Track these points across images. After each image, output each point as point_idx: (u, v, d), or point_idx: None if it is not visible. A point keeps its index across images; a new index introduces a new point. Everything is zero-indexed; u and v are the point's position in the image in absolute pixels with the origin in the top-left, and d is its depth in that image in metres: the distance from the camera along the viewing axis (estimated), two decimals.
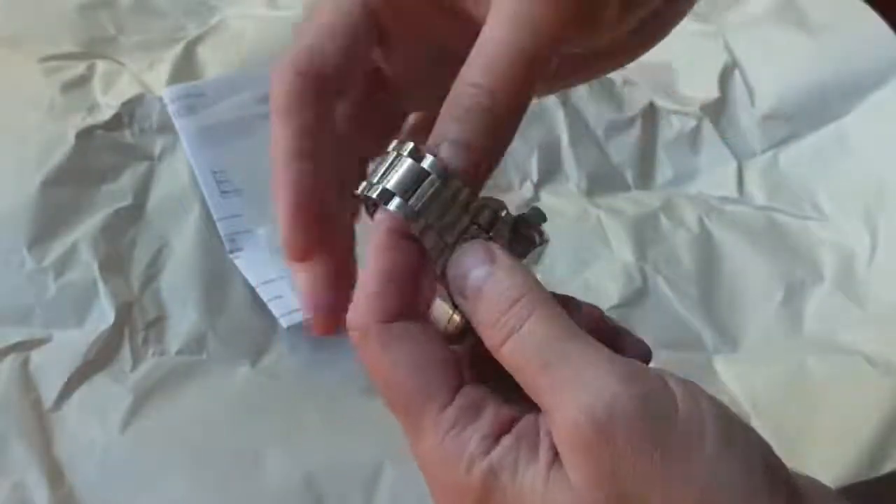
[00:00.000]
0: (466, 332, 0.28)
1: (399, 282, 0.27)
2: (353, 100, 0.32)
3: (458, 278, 0.27)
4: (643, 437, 0.23)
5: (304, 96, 0.31)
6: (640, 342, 0.31)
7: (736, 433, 0.24)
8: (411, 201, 0.27)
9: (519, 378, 0.26)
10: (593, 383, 0.24)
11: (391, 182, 0.27)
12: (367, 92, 0.33)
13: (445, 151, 0.27)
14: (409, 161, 0.27)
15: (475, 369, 0.28)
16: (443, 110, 0.28)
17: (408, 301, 0.27)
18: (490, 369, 0.27)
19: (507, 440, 0.25)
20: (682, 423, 0.24)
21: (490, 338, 0.26)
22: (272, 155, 0.31)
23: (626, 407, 0.24)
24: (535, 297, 0.26)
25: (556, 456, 0.25)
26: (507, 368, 0.26)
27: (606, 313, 0.31)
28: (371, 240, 0.28)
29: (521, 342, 0.25)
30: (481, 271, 0.27)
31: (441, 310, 0.29)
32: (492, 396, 0.26)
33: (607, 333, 0.29)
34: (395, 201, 0.27)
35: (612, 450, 0.23)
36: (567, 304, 0.28)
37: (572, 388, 0.24)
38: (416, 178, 0.27)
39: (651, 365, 0.27)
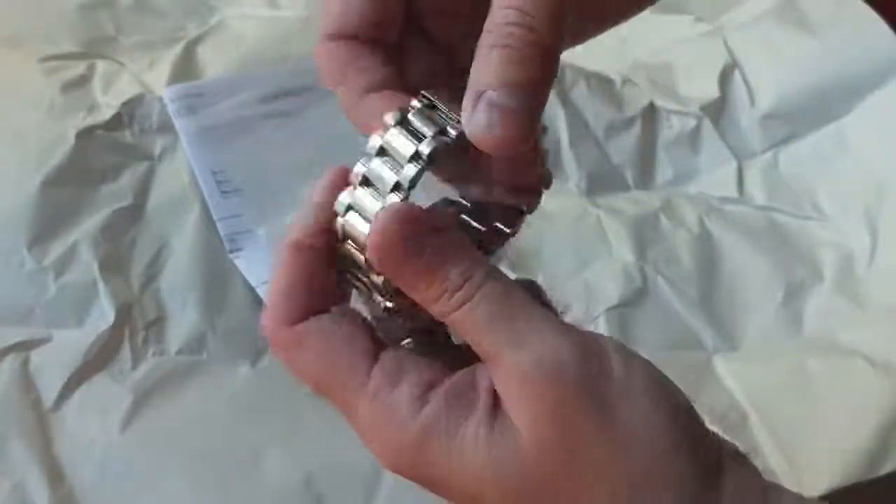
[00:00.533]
0: (392, 311, 0.29)
1: (298, 288, 0.28)
2: (391, 52, 0.31)
3: (391, 246, 0.27)
4: (585, 385, 0.25)
5: (342, 59, 0.30)
6: None
7: (663, 394, 0.26)
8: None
9: (467, 336, 0.27)
10: (542, 337, 0.26)
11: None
12: (404, 42, 0.32)
13: (503, 96, 0.26)
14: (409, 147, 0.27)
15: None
16: (481, 53, 0.26)
17: (311, 301, 0.28)
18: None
19: (436, 398, 0.26)
20: (618, 378, 0.26)
21: (440, 307, 0.27)
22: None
23: (570, 359, 0.26)
24: (483, 271, 0.27)
25: (496, 407, 0.26)
26: (456, 330, 0.27)
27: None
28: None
29: (474, 306, 0.26)
30: (418, 245, 0.27)
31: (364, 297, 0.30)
32: (410, 358, 0.28)
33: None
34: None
35: (557, 394, 0.25)
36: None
37: (522, 341, 0.26)
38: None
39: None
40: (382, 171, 0.27)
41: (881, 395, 0.51)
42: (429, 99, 0.28)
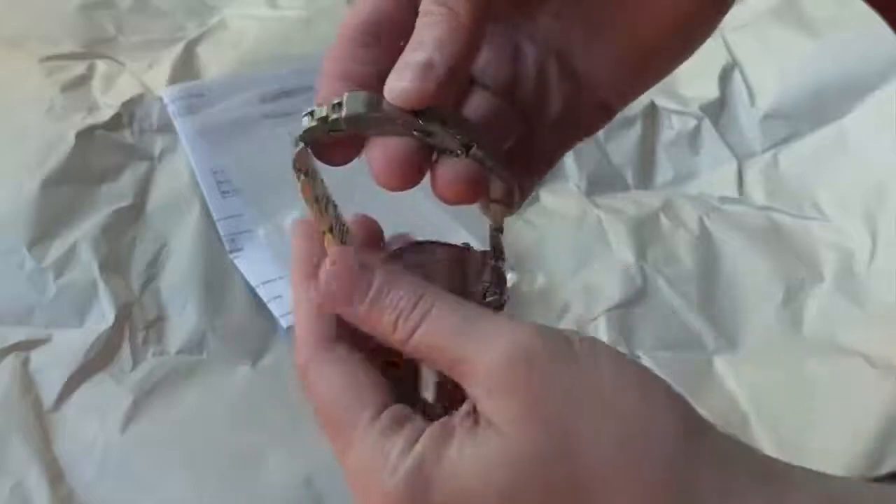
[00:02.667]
0: None
1: (327, 317, 0.29)
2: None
3: (339, 294, 0.28)
4: (557, 369, 0.26)
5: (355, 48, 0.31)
6: None
7: (629, 369, 0.27)
8: None
9: (433, 359, 0.28)
10: (506, 336, 0.26)
11: None
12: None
13: (414, 53, 0.28)
14: None
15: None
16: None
17: (338, 329, 0.29)
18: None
19: (424, 438, 0.27)
20: (583, 355, 0.26)
21: (398, 333, 0.28)
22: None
23: (538, 349, 0.26)
24: (433, 291, 0.28)
25: (475, 422, 0.27)
26: (419, 357, 0.28)
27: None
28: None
29: (431, 326, 0.27)
30: (365, 283, 0.28)
31: None
32: (416, 415, 0.28)
33: None
34: None
35: (531, 384, 0.26)
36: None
37: (487, 343, 0.26)
38: None
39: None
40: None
41: (881, 396, 0.51)
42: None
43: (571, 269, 0.57)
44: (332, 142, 0.29)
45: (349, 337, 0.29)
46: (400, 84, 0.27)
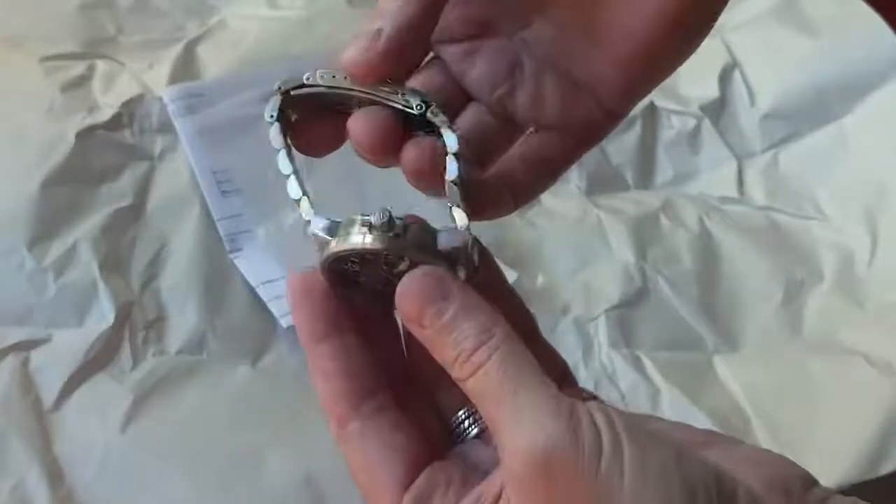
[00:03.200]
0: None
1: (338, 380, 0.29)
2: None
3: (413, 309, 0.28)
4: (573, 475, 0.25)
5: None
6: (559, 356, 0.33)
7: (652, 465, 0.25)
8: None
9: (481, 411, 0.27)
10: (538, 429, 0.25)
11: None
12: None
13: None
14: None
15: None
16: None
17: (355, 388, 0.29)
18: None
19: None
20: (605, 473, 0.25)
21: (456, 372, 0.27)
22: None
23: (562, 454, 0.25)
24: (497, 339, 0.27)
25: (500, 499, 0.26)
26: (472, 399, 0.27)
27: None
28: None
29: (481, 380, 0.27)
30: (441, 307, 0.28)
31: None
32: (442, 480, 0.28)
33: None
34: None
35: (549, 495, 0.25)
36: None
37: (518, 429, 0.25)
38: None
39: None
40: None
41: (881, 395, 0.51)
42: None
43: (571, 269, 0.57)
44: (307, 126, 0.31)
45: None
46: (349, 53, 0.29)
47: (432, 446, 0.30)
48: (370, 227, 0.28)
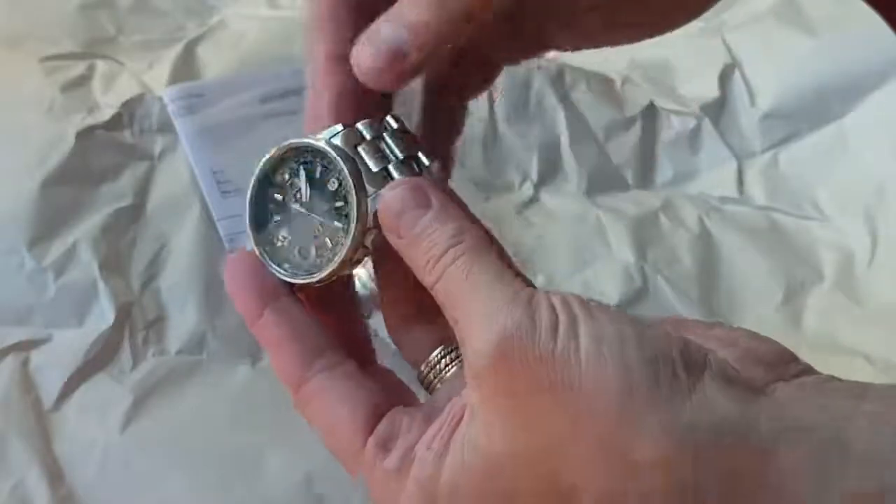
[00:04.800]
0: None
1: (288, 344, 0.30)
2: None
3: (391, 217, 0.28)
4: (532, 359, 0.25)
5: (340, 10, 0.31)
6: None
7: (608, 336, 0.25)
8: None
9: (448, 317, 0.27)
10: (499, 320, 0.25)
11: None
12: None
13: (387, 28, 0.28)
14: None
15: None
16: None
17: (306, 352, 0.30)
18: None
19: (419, 450, 0.27)
20: (561, 337, 0.25)
21: (424, 277, 0.28)
22: (311, 65, 0.32)
23: (521, 342, 0.25)
24: (465, 244, 0.27)
25: (462, 413, 0.27)
26: (438, 302, 0.28)
27: None
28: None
29: (445, 282, 0.27)
30: (416, 215, 0.28)
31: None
32: (406, 416, 0.28)
33: None
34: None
35: (507, 376, 0.25)
36: None
37: (481, 324, 0.26)
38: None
39: None
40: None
41: None
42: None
43: (571, 269, 0.57)
44: None
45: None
46: (365, 60, 0.28)
47: (395, 396, 0.30)
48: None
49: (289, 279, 0.30)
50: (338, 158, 0.29)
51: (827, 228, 0.60)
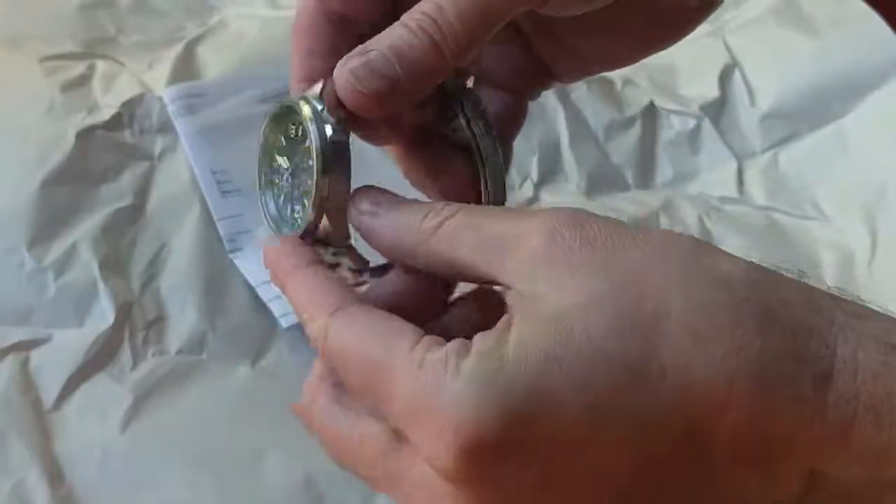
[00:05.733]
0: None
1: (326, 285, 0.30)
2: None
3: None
4: (584, 241, 0.26)
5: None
6: None
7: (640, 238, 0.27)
8: None
9: (456, 267, 0.28)
10: (528, 221, 0.27)
11: None
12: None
13: (378, 58, 0.28)
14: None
15: None
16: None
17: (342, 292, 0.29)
18: None
19: (476, 341, 0.25)
20: (602, 229, 0.27)
21: (426, 222, 0.28)
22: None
23: (564, 224, 0.26)
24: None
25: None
26: (439, 264, 0.28)
27: None
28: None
29: (450, 227, 0.28)
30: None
31: None
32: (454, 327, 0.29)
33: None
34: None
35: (563, 255, 0.26)
36: None
37: (527, 222, 0.27)
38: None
39: None
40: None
41: None
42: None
43: None
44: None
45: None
46: (349, 91, 0.29)
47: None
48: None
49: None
50: (297, 103, 0.30)
51: (827, 228, 0.60)
